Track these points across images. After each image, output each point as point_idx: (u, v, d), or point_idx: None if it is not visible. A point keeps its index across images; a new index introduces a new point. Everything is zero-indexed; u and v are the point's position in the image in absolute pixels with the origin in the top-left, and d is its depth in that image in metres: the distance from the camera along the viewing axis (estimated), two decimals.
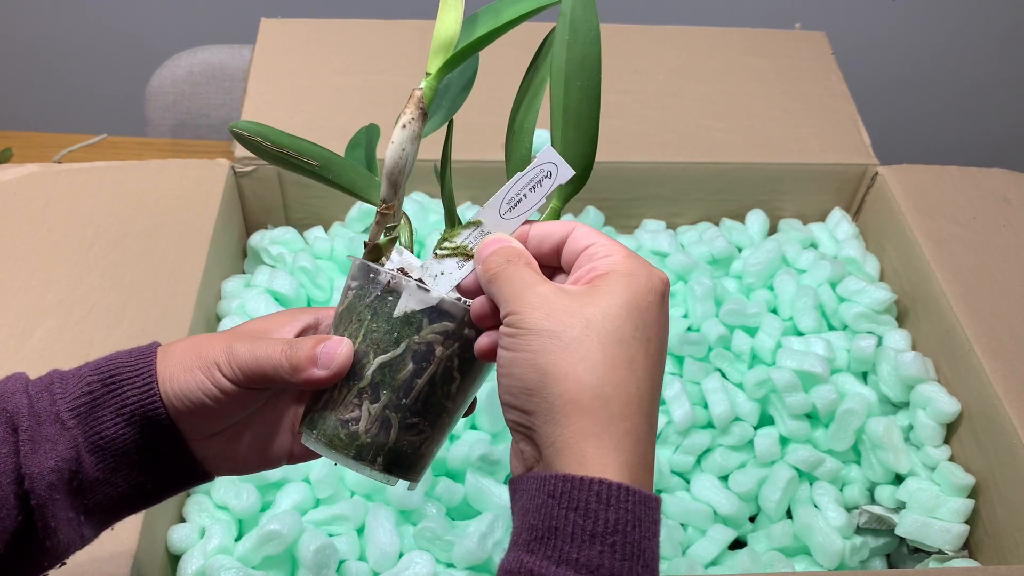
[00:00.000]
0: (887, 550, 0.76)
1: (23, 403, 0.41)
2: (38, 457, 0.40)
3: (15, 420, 0.41)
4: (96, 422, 0.42)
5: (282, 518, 0.64)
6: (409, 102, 0.45)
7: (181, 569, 0.64)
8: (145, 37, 1.64)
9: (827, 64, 1.01)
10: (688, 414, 0.75)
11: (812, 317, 0.81)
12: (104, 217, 0.79)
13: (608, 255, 0.39)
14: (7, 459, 0.40)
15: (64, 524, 0.41)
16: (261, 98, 0.91)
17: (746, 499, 0.75)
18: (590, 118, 0.45)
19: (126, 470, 0.43)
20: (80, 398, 0.42)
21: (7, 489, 0.40)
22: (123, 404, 0.42)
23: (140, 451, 0.43)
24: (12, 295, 0.72)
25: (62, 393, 0.42)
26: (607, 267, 0.39)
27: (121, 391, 0.42)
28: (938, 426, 0.76)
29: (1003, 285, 0.80)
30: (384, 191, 0.45)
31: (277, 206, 0.90)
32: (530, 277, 0.39)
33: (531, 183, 0.43)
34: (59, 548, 0.42)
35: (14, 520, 0.40)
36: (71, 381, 0.42)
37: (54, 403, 0.41)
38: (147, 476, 0.43)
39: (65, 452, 0.41)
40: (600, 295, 0.38)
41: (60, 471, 0.40)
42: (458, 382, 0.43)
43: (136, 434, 0.42)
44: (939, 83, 1.75)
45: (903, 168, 0.91)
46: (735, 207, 0.94)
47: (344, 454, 0.43)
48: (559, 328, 0.37)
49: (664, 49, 1.01)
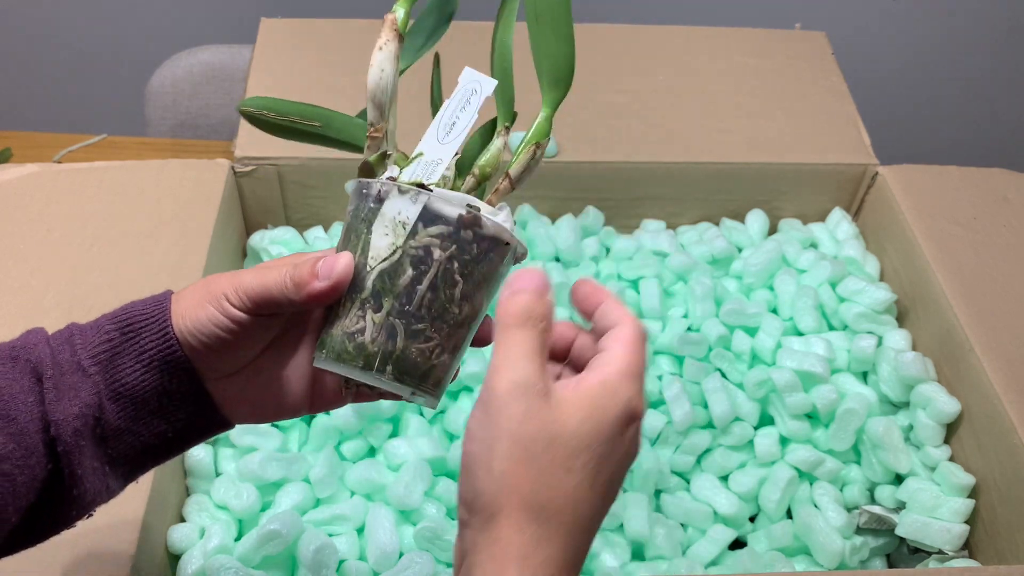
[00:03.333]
0: (887, 550, 0.76)
1: (46, 353, 0.42)
2: (62, 404, 0.41)
3: (39, 369, 0.42)
4: (116, 370, 0.42)
5: (282, 518, 0.64)
6: (384, 26, 0.46)
7: (181, 569, 0.64)
8: (145, 37, 1.64)
9: (827, 64, 1.01)
10: (688, 414, 0.75)
11: (812, 317, 0.81)
12: (104, 217, 0.79)
13: (606, 364, 0.39)
14: (34, 407, 0.41)
15: (90, 473, 0.42)
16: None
17: (746, 499, 0.75)
18: (563, 20, 0.45)
19: (147, 418, 0.44)
20: (100, 346, 0.43)
21: (35, 437, 0.41)
22: (142, 350, 0.43)
23: (160, 397, 0.43)
24: (12, 295, 0.72)
25: (83, 343, 0.43)
26: (594, 380, 0.38)
27: (139, 337, 0.43)
28: (938, 426, 0.76)
29: (1003, 285, 0.80)
30: (370, 114, 0.46)
31: (277, 206, 0.90)
32: (534, 356, 0.38)
33: (461, 104, 0.44)
34: (86, 498, 0.43)
35: (44, 468, 0.41)
36: (90, 332, 0.43)
37: (75, 353, 0.42)
38: (168, 423, 0.44)
39: (88, 399, 0.42)
40: (571, 414, 0.37)
41: (84, 417, 0.41)
42: (461, 286, 0.43)
43: (156, 380, 0.43)
44: (939, 83, 1.74)
45: (903, 168, 0.91)
46: (735, 207, 0.94)
47: (353, 366, 0.42)
48: (525, 438, 0.36)
49: (664, 49, 1.01)
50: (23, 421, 0.40)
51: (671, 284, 0.85)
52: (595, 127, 0.91)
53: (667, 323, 0.81)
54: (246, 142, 0.87)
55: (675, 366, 0.80)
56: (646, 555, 0.71)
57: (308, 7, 1.55)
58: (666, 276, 0.85)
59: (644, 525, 0.70)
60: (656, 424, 0.76)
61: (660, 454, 0.76)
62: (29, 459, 0.40)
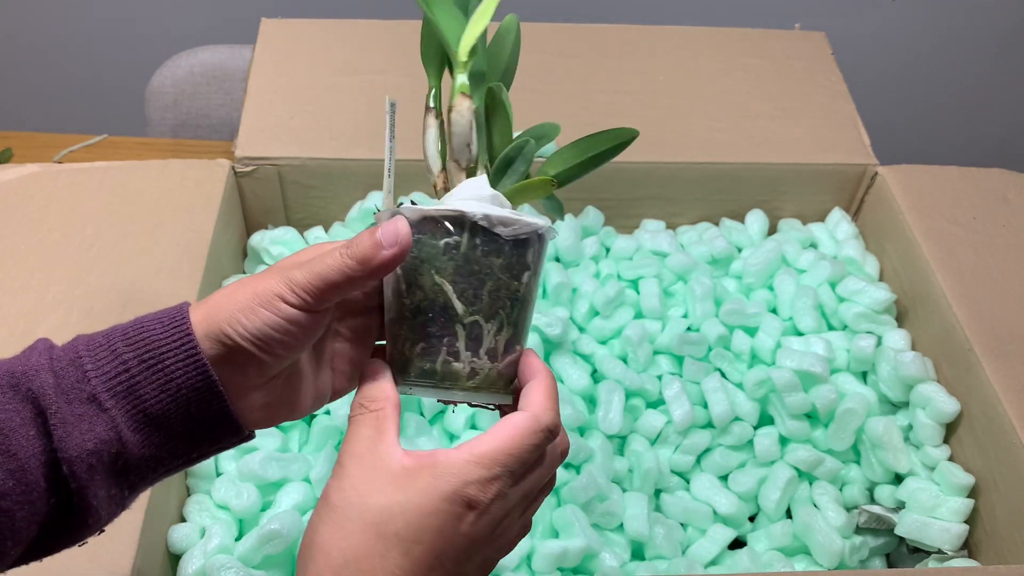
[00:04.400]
0: (887, 550, 0.76)
1: (48, 382, 0.39)
2: (74, 439, 0.39)
3: (40, 402, 0.39)
4: (139, 400, 0.40)
5: (282, 518, 0.64)
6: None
7: (181, 569, 0.64)
8: (145, 37, 1.64)
9: (827, 64, 1.01)
10: (688, 414, 0.75)
11: (812, 317, 0.81)
12: (104, 217, 0.79)
13: (462, 448, 0.40)
14: (35, 441, 0.38)
15: (105, 502, 0.41)
16: (261, 98, 0.91)
17: (746, 499, 0.75)
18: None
19: (171, 444, 0.42)
20: (117, 376, 0.40)
21: (36, 473, 0.38)
22: (168, 379, 0.40)
23: (186, 423, 0.41)
24: (12, 295, 0.72)
25: (95, 370, 0.40)
26: (438, 457, 0.40)
27: (162, 365, 0.40)
28: (938, 426, 0.76)
29: (1003, 285, 0.80)
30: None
31: (277, 206, 0.90)
32: (362, 434, 0.41)
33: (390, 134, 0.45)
34: (100, 522, 0.41)
35: (46, 502, 0.39)
36: (102, 355, 0.40)
37: (86, 380, 0.40)
38: (192, 446, 0.43)
39: (104, 434, 0.39)
40: (388, 487, 0.39)
41: (99, 453, 0.39)
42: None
43: (183, 407, 0.41)
44: (939, 83, 1.75)
45: (903, 168, 0.91)
46: (735, 207, 0.94)
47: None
48: (339, 503, 0.39)
49: (664, 49, 1.01)
50: (23, 457, 0.38)
51: (671, 284, 0.85)
52: (595, 127, 0.91)
53: (667, 323, 0.81)
54: (246, 142, 0.87)
55: (675, 366, 0.80)
56: (646, 555, 0.72)
57: (308, 7, 1.55)
58: (666, 276, 0.85)
59: (644, 525, 0.70)
60: (656, 424, 0.76)
61: (660, 454, 0.76)
62: (30, 495, 0.38)
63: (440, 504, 0.38)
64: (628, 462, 0.75)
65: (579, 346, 0.80)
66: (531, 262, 0.44)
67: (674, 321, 0.81)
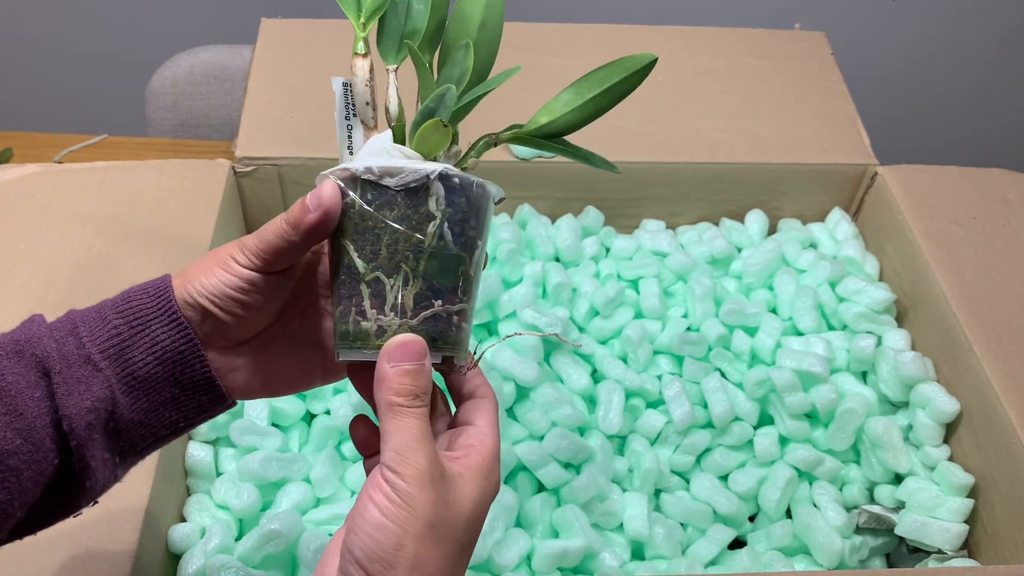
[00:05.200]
0: (887, 550, 0.76)
1: (51, 347, 0.42)
2: (73, 398, 0.41)
3: (45, 364, 0.41)
4: (128, 363, 0.43)
5: (282, 517, 0.64)
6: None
7: (182, 569, 0.64)
8: (145, 37, 1.64)
9: (827, 64, 1.01)
10: (688, 414, 0.75)
11: (812, 317, 0.81)
12: (104, 217, 0.79)
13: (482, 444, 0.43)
14: (41, 402, 0.41)
15: (101, 464, 0.43)
16: (261, 98, 0.91)
17: (746, 499, 0.75)
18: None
19: (159, 408, 0.44)
20: (109, 340, 0.43)
21: (43, 432, 0.40)
22: (153, 342, 0.43)
23: (172, 387, 0.44)
24: (12, 295, 0.72)
25: (89, 336, 0.43)
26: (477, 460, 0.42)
27: (148, 329, 0.43)
28: (937, 426, 0.76)
29: (1003, 285, 0.80)
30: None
31: (277, 206, 0.90)
32: (430, 438, 0.41)
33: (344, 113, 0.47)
34: (96, 488, 0.43)
35: (51, 463, 0.41)
36: (94, 323, 0.43)
37: (82, 345, 0.42)
38: (180, 412, 0.45)
39: (100, 392, 0.42)
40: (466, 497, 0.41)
41: (97, 411, 0.42)
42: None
43: (168, 371, 0.44)
44: (939, 83, 1.75)
45: (903, 168, 0.91)
46: (735, 207, 0.94)
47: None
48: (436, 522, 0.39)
49: (664, 49, 1.01)
50: (30, 416, 0.40)
51: (671, 284, 0.85)
52: (595, 127, 0.91)
53: (667, 323, 0.81)
54: (246, 142, 0.87)
55: (675, 366, 0.80)
56: (646, 555, 0.72)
57: (308, 7, 1.55)
58: (666, 276, 0.85)
59: (644, 524, 0.70)
60: (656, 424, 0.76)
61: (660, 454, 0.76)
62: (36, 454, 0.40)
63: (489, 504, 0.43)
64: (628, 462, 0.75)
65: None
66: (435, 211, 0.43)
67: (674, 321, 0.81)
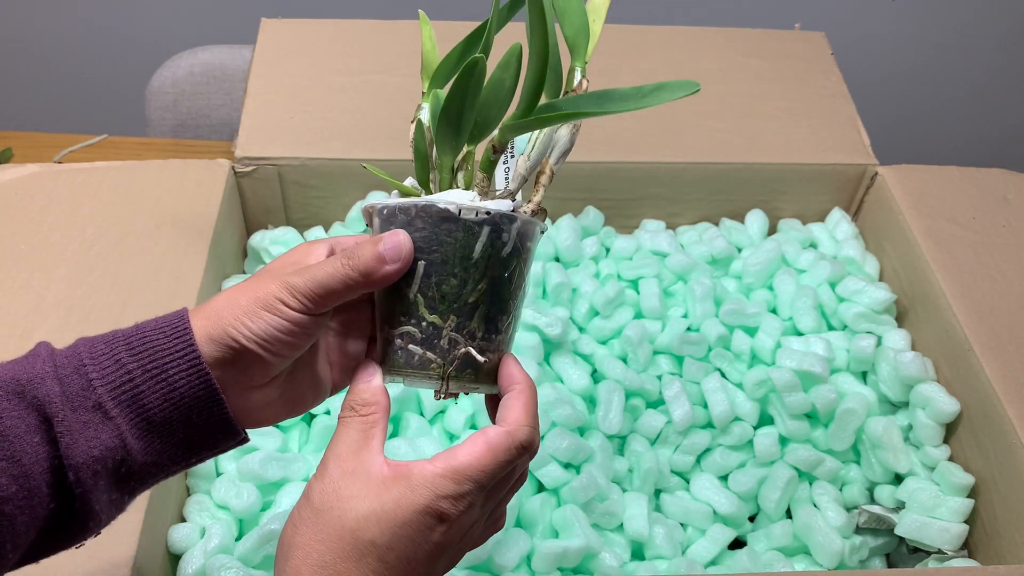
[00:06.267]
0: (887, 550, 0.76)
1: (55, 391, 0.40)
2: (80, 446, 0.40)
3: (46, 409, 0.40)
4: (142, 409, 0.41)
5: (282, 517, 0.64)
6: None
7: (182, 569, 0.64)
8: (145, 37, 1.64)
9: (827, 64, 1.01)
10: (688, 414, 0.75)
11: (812, 317, 0.81)
12: (104, 217, 0.79)
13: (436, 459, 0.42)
14: (40, 447, 0.39)
15: (107, 505, 0.42)
16: (261, 98, 0.91)
17: (746, 499, 0.75)
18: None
19: (173, 450, 0.43)
20: (122, 386, 0.41)
21: (40, 479, 0.39)
22: (171, 388, 0.41)
23: (187, 429, 0.43)
24: (12, 295, 0.72)
25: (99, 377, 0.41)
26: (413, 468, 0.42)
27: (166, 374, 0.41)
28: (937, 426, 0.76)
29: (1003, 285, 0.80)
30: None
31: (277, 206, 0.90)
32: (347, 439, 0.43)
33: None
34: (100, 525, 0.43)
35: (46, 507, 0.40)
36: (106, 363, 0.41)
37: (91, 388, 0.40)
38: (193, 452, 0.44)
39: (109, 441, 0.40)
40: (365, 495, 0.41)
41: (104, 460, 0.40)
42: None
43: (184, 415, 0.42)
44: (939, 83, 1.75)
45: (903, 168, 0.91)
46: (735, 207, 0.94)
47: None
48: (324, 508, 0.41)
49: (664, 49, 1.01)
50: (27, 463, 0.39)
51: (671, 284, 0.85)
52: (595, 127, 0.91)
53: (667, 323, 0.81)
54: (246, 142, 0.87)
55: (675, 366, 0.80)
56: (646, 555, 0.72)
57: (308, 7, 1.55)
58: (666, 276, 0.85)
59: (644, 525, 0.70)
60: (656, 424, 0.76)
61: (660, 454, 0.76)
62: (31, 500, 0.39)
63: (413, 516, 0.41)
64: (628, 462, 0.75)
65: (579, 346, 0.80)
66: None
67: (674, 321, 0.81)
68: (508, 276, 0.45)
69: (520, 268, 0.46)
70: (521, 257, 0.46)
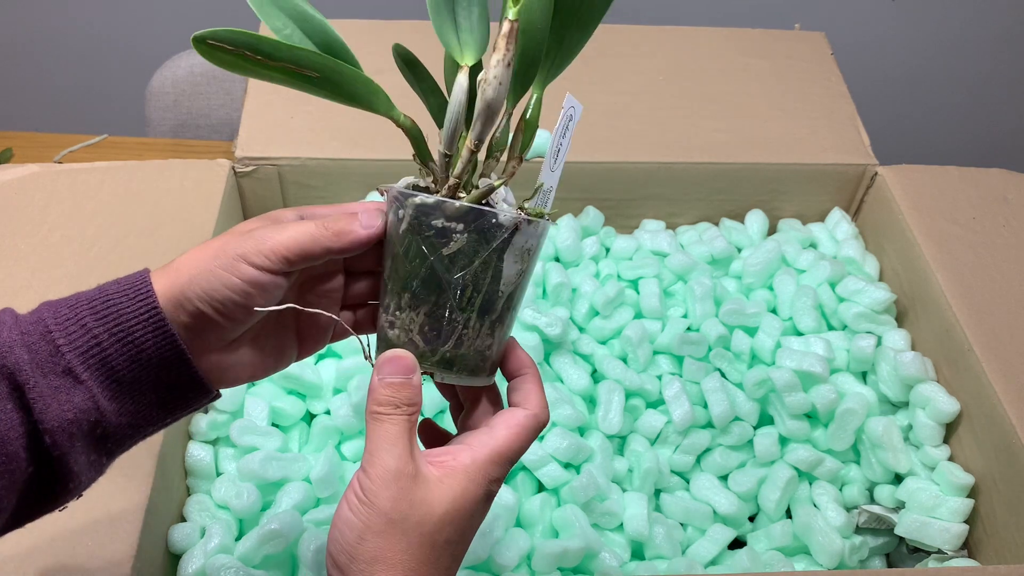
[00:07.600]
0: (887, 550, 0.76)
1: (23, 358, 0.40)
2: (53, 411, 0.40)
3: (16, 377, 0.40)
4: (112, 371, 0.42)
5: (282, 518, 0.64)
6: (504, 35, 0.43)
7: (181, 569, 0.64)
8: (145, 37, 1.64)
9: (827, 64, 1.01)
10: (688, 414, 0.75)
11: (812, 317, 0.81)
12: (104, 217, 0.79)
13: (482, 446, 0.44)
14: (13, 414, 0.40)
15: (86, 467, 0.42)
16: (261, 98, 0.91)
17: (746, 499, 0.75)
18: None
19: (146, 410, 0.44)
20: (90, 350, 0.41)
21: (16, 444, 0.40)
22: (139, 351, 0.42)
23: (158, 389, 0.44)
24: (12, 295, 0.72)
25: (66, 342, 0.41)
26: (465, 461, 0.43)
27: (132, 337, 0.42)
28: (937, 426, 0.76)
29: (1003, 285, 0.80)
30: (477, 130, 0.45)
31: (277, 206, 0.90)
32: (402, 441, 0.43)
33: (563, 131, 0.47)
34: (80, 486, 0.43)
35: (24, 471, 0.40)
36: (70, 325, 0.42)
37: (59, 353, 0.41)
38: (166, 410, 0.45)
39: (83, 403, 0.41)
40: (439, 497, 0.42)
41: (79, 422, 0.41)
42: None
43: (153, 375, 0.43)
44: (939, 83, 1.75)
45: (903, 168, 0.91)
46: (735, 207, 0.94)
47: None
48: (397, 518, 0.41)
49: (664, 49, 1.02)
50: (3, 430, 0.39)
51: (671, 284, 0.85)
52: (595, 127, 0.91)
53: (667, 323, 0.81)
54: (246, 142, 0.87)
55: (675, 366, 0.80)
56: (646, 555, 0.72)
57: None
58: (666, 276, 0.85)
59: (644, 524, 0.70)
60: (656, 424, 0.76)
61: (660, 454, 0.76)
62: (9, 465, 0.40)
63: (475, 505, 0.43)
64: (628, 462, 0.75)
65: (579, 346, 0.80)
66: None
67: (674, 321, 0.81)
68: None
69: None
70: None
